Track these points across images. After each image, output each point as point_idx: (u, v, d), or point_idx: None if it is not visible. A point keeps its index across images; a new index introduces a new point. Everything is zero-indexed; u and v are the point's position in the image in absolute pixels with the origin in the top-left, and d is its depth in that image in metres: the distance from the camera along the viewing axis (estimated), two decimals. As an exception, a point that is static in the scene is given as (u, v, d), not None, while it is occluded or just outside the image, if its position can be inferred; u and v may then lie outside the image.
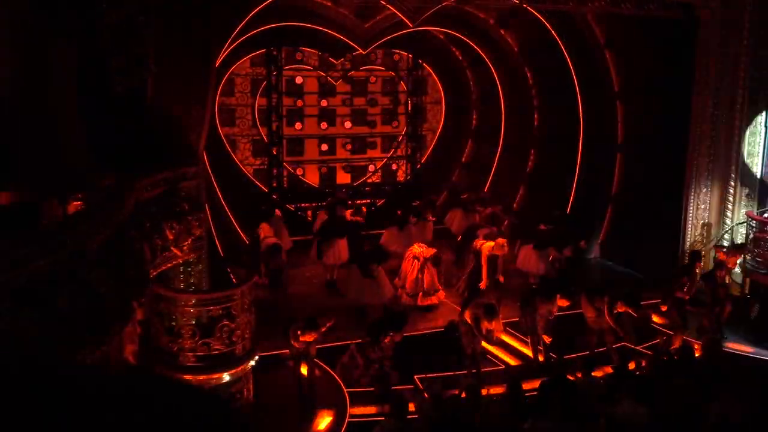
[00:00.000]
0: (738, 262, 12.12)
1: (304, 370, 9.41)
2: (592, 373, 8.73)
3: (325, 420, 8.84)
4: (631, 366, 9.52)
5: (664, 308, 11.22)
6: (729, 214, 12.76)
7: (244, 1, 11.31)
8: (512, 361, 11.02)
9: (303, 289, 13.46)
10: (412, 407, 7.93)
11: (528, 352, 10.88)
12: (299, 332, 9.14)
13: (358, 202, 15.84)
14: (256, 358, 8.53)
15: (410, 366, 10.25)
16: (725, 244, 12.62)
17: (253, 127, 17.11)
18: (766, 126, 12.14)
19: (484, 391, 8.21)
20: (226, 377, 7.87)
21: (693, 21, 12.50)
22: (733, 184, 12.63)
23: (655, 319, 12.07)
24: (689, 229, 13.02)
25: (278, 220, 14.47)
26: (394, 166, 18.63)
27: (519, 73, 16.63)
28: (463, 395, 7.81)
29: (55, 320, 4.78)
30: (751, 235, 11.84)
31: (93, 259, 5.25)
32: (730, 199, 12.70)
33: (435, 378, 8.61)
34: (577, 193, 15.36)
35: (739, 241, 12.50)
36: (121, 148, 6.98)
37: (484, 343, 10.31)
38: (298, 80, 17.21)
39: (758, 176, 12.50)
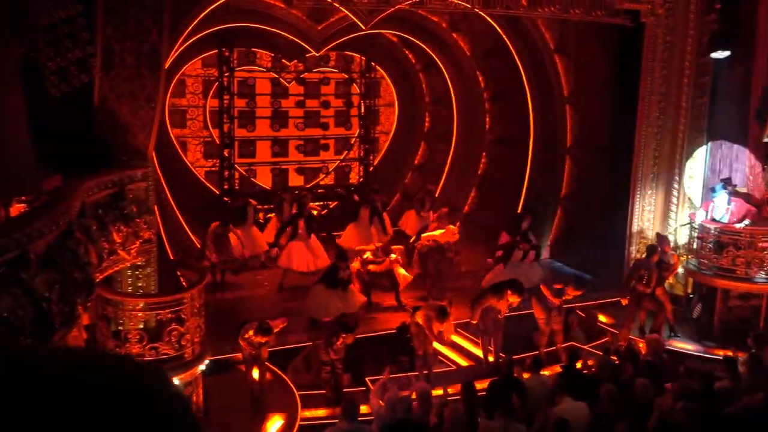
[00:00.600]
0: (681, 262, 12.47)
1: (255, 374, 9.34)
2: (541, 372, 8.84)
3: (275, 423, 8.80)
4: (579, 365, 9.68)
5: (624, 302, 11.44)
6: (673, 216, 13.08)
7: (196, 2, 11.20)
8: (463, 362, 11.12)
9: (255, 292, 13.40)
10: (363, 409, 7.95)
11: (479, 352, 10.99)
12: (251, 335, 9.07)
13: (311, 204, 15.73)
14: (207, 361, 8.42)
15: (362, 368, 10.27)
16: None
17: (204, 128, 16.91)
18: (708, 130, 12.49)
19: (436, 392, 8.28)
20: (175, 382, 7.76)
21: (639, 27, 12.79)
22: (677, 187, 12.95)
23: (602, 318, 12.38)
24: (635, 231, 13.31)
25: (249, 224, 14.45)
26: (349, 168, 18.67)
27: (471, 77, 16.79)
28: (415, 396, 7.84)
29: (-3, 326, 4.66)
30: (694, 237, 12.17)
31: (37, 262, 5.14)
32: (674, 201, 13.03)
33: (387, 380, 8.60)
34: (527, 195, 15.57)
35: (682, 243, 12.84)
36: (67, 150, 6.84)
37: (435, 344, 10.37)
38: (251, 81, 17.09)
39: (702, 179, 12.85)
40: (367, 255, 12.71)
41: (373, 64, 18.32)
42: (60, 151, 6.75)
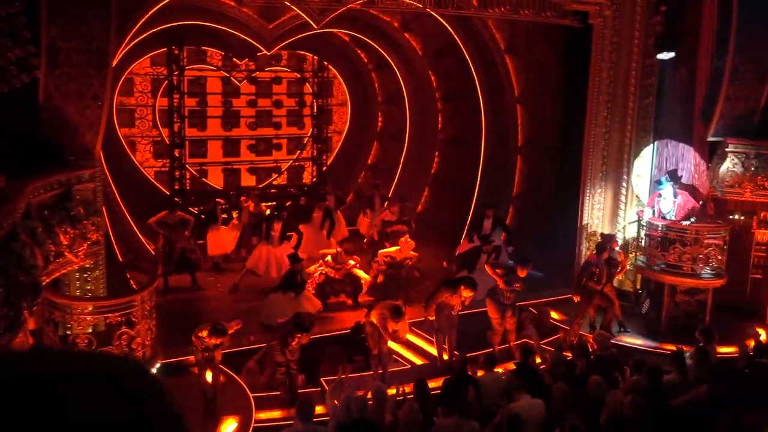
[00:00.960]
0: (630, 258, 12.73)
1: (208, 376, 9.21)
2: (494, 370, 8.91)
3: (229, 426, 8.69)
4: (533, 362, 9.79)
5: (576, 299, 11.61)
6: (621, 213, 13.33)
7: (144, -1, 11.00)
8: (418, 360, 11.14)
9: (207, 293, 13.21)
10: (319, 410, 7.90)
11: (433, 350, 11.03)
12: (204, 337, 8.94)
13: (264, 205, 15.64)
14: (158, 365, 8.27)
15: (317, 368, 10.21)
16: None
17: (153, 128, 16.63)
18: (654, 130, 12.75)
19: (391, 391, 8.27)
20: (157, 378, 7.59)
21: (588, 29, 13.00)
22: (625, 185, 13.19)
23: (554, 315, 12.55)
24: (585, 229, 13.52)
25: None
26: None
27: (423, 76, 16.86)
28: (370, 396, 7.84)
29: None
30: (642, 234, 12.43)
31: (-21, 266, 4.98)
32: (623, 199, 13.26)
33: (342, 380, 8.57)
34: (479, 194, 15.69)
35: (630, 240, 13.10)
36: (10, 150, 6.65)
37: (390, 343, 10.36)
38: (201, 81, 16.86)
39: (649, 177, 13.12)
40: (328, 259, 12.64)
41: (325, 63, 18.25)
42: (3, 151, 6.55)
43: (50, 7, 7.34)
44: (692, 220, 11.72)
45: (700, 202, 12.02)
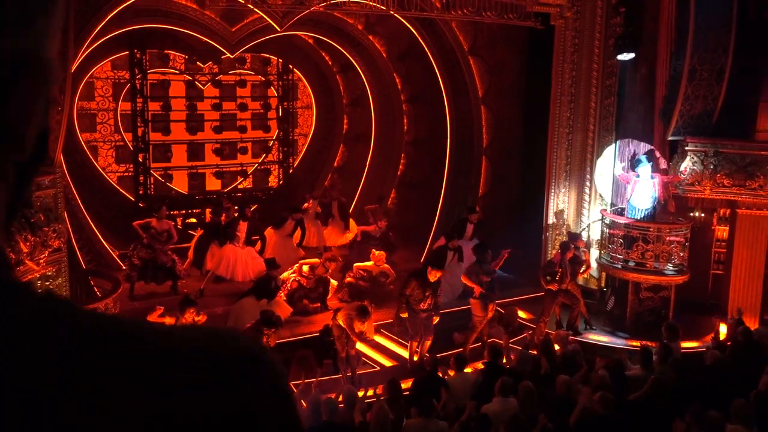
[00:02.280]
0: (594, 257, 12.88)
1: None
2: (464, 370, 8.94)
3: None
4: (502, 361, 9.85)
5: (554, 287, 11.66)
6: (585, 212, 13.48)
7: (104, 2, 10.85)
8: (388, 362, 11.13)
9: (175, 299, 12.99)
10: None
11: (403, 352, 11.04)
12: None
13: (226, 205, 15.34)
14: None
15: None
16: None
17: (115, 132, 16.38)
18: (616, 129, 12.93)
19: (360, 393, 8.25)
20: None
21: (550, 30, 13.13)
22: (588, 184, 13.36)
23: (522, 314, 12.63)
24: (550, 229, 13.67)
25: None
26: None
27: (388, 78, 16.87)
28: (341, 399, 7.83)
29: None
30: (606, 232, 12.59)
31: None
32: (587, 198, 13.43)
33: (308, 384, 8.53)
34: (445, 195, 15.75)
35: (596, 238, 13.26)
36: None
37: (359, 345, 10.34)
38: (165, 84, 16.67)
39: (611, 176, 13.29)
40: (305, 269, 12.52)
41: (290, 66, 18.15)
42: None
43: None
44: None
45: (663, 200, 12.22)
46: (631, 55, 12.26)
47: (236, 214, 13.59)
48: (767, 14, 11.98)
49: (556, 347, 9.61)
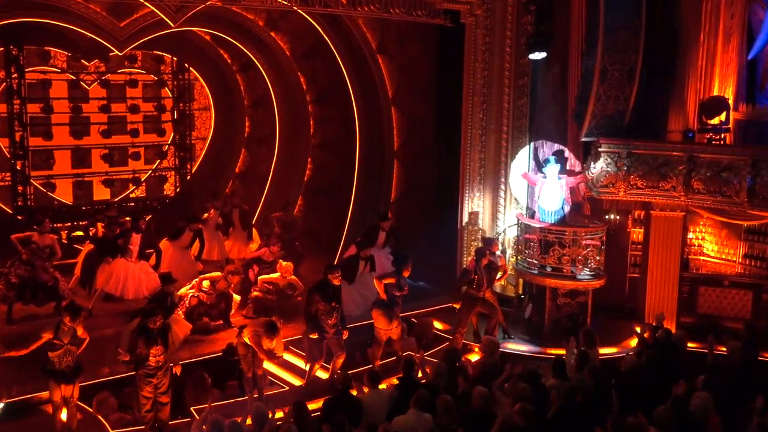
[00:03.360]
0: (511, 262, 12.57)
1: (63, 415, 8.27)
2: (379, 386, 8.39)
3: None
4: (416, 375, 9.36)
5: (457, 305, 11.29)
6: (501, 217, 13.21)
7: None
8: (297, 381, 10.48)
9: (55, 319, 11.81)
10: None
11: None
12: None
13: (121, 219, 14.26)
14: (1, 405, 7.84)
15: (184, 397, 9.37)
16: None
17: (-10, 137, 15.17)
18: (530, 130, 12.68)
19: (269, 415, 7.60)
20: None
21: (460, 28, 12.84)
22: (503, 188, 13.12)
23: (437, 325, 12.16)
24: (465, 234, 13.30)
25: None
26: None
27: (292, 78, 16.22)
28: (249, 420, 7.23)
29: None
30: (521, 237, 12.28)
31: None
32: (502, 202, 13.19)
33: (210, 409, 7.81)
34: (356, 200, 15.17)
35: (511, 243, 12.95)
36: None
37: (266, 364, 9.64)
38: (45, 84, 15.49)
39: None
40: (205, 284, 11.70)
41: (185, 64, 17.45)
42: None
43: None
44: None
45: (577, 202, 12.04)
46: (543, 55, 12.15)
47: (129, 226, 12.51)
48: (674, 16, 12.06)
49: (481, 355, 9.18)
